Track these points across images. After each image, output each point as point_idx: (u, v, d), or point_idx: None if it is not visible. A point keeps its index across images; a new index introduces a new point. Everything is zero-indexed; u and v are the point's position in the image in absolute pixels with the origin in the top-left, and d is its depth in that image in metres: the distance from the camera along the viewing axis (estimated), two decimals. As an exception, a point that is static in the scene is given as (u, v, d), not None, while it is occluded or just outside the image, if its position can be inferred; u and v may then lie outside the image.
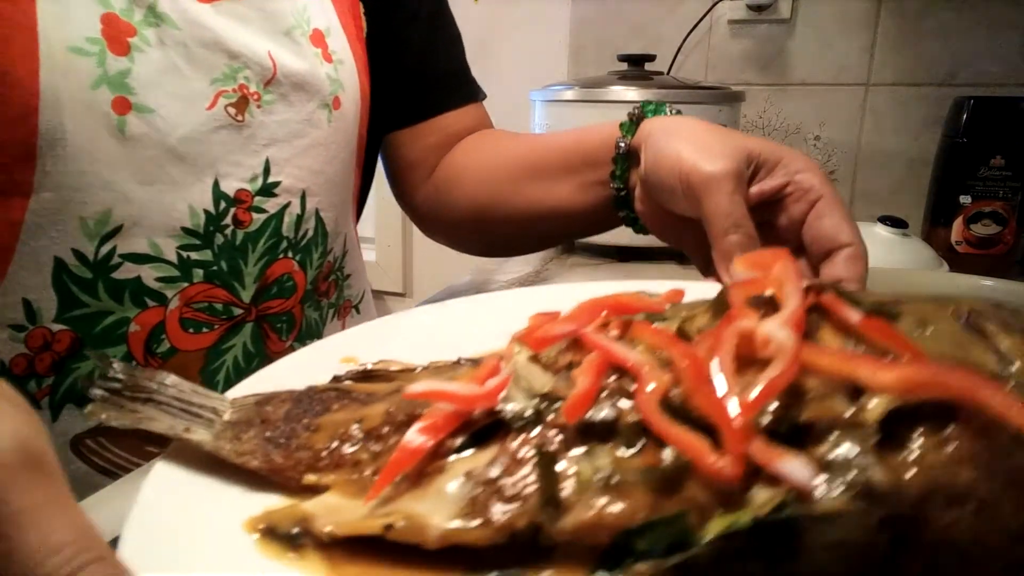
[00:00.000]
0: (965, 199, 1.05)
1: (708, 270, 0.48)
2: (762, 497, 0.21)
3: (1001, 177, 1.03)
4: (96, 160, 0.46)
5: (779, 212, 0.47)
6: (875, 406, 0.22)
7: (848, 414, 0.22)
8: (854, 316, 0.25)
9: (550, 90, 1.16)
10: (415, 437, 0.26)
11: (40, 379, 0.48)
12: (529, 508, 0.23)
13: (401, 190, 0.76)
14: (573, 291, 0.42)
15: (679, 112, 0.56)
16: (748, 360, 0.24)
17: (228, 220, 0.53)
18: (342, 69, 0.60)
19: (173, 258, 0.51)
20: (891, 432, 0.22)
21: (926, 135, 1.20)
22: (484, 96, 0.77)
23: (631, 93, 1.08)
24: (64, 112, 0.44)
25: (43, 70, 0.43)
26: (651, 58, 1.18)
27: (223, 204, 0.53)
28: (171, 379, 0.30)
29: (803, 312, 0.25)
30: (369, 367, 0.34)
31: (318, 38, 0.58)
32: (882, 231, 0.98)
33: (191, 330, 0.53)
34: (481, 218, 0.69)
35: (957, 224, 1.06)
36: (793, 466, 0.21)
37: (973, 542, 0.21)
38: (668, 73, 1.31)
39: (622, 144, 0.55)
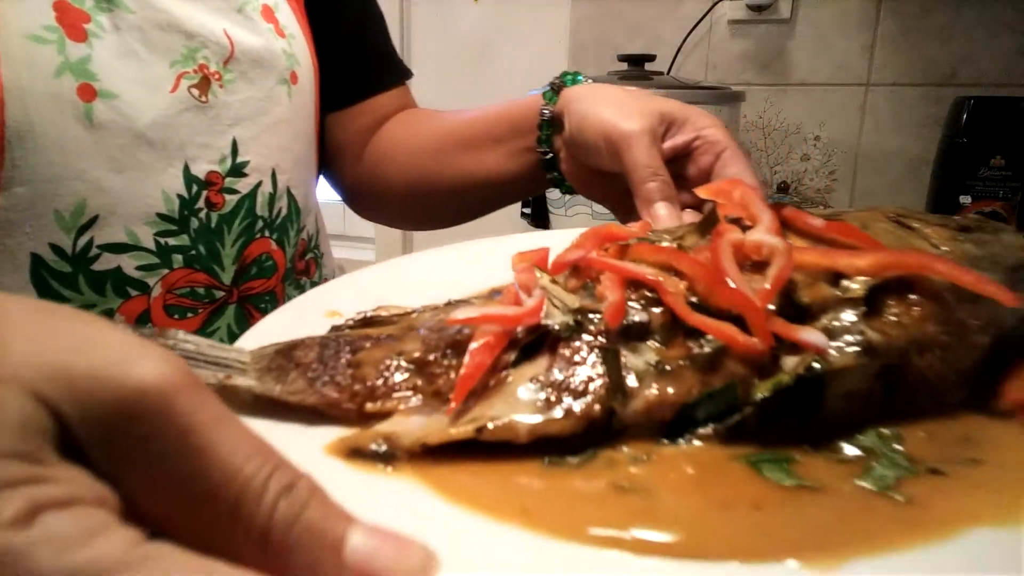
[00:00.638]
0: (965, 199, 1.06)
1: (628, 218, 0.53)
2: (791, 363, 0.28)
3: (1001, 177, 1.04)
4: (66, 150, 0.47)
5: (689, 163, 0.53)
6: (859, 285, 0.29)
7: (838, 294, 0.29)
8: (818, 222, 0.32)
9: (550, 90, 1.16)
10: (477, 354, 0.29)
11: None
12: (601, 397, 0.27)
13: (331, 171, 0.79)
14: (520, 241, 0.47)
15: (592, 81, 0.63)
16: (740, 266, 0.31)
17: (201, 203, 0.55)
18: (295, 43, 0.63)
19: (151, 245, 0.52)
20: (872, 305, 0.29)
21: (926, 135, 1.21)
22: (410, 75, 0.82)
23: (631, 93, 1.08)
24: (30, 103, 0.45)
25: (4, 62, 0.44)
26: (651, 58, 1.19)
27: (195, 187, 0.54)
28: (182, 334, 0.30)
29: (778, 222, 0.32)
30: (368, 314, 0.36)
31: (268, 13, 0.61)
32: (882, 231, 0.98)
33: (176, 316, 0.54)
34: (415, 192, 0.74)
35: (957, 224, 1.06)
36: (811, 335, 0.28)
37: (939, 379, 0.29)
38: (668, 73, 1.32)
39: (546, 111, 0.61)
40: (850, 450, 0.27)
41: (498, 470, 0.26)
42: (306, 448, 0.26)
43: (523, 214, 1.23)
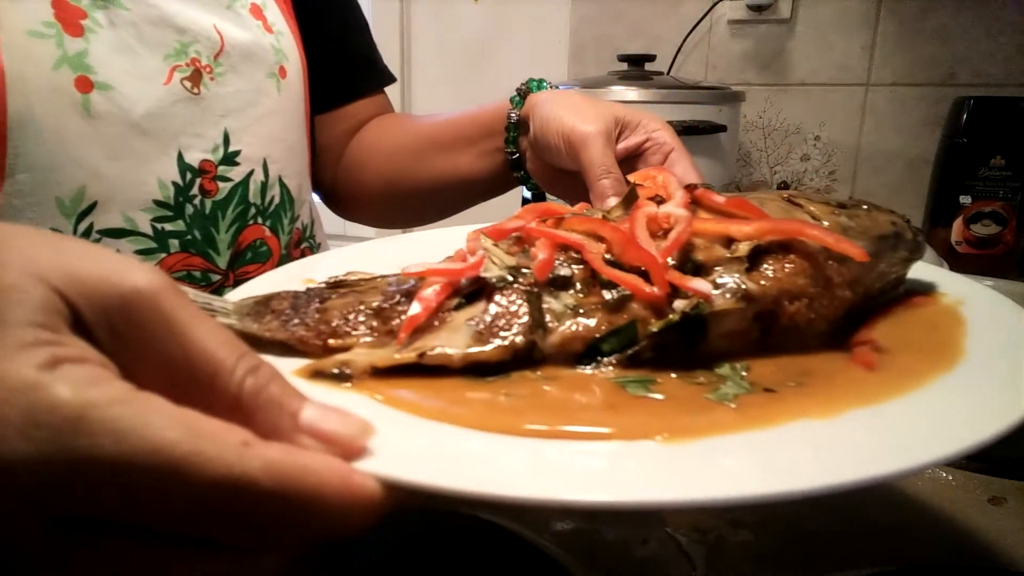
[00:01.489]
0: (965, 199, 1.07)
1: None
2: (682, 305, 0.34)
3: (1001, 177, 1.05)
4: (65, 139, 0.50)
5: (640, 163, 0.58)
6: (743, 247, 0.35)
7: (726, 254, 0.36)
8: (720, 199, 0.40)
9: (550, 90, 1.16)
10: (424, 298, 0.35)
11: None
12: (525, 331, 0.34)
13: (312, 173, 0.82)
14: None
15: (557, 87, 0.68)
16: (653, 234, 0.37)
17: (195, 190, 0.58)
18: (283, 40, 0.67)
19: (148, 231, 0.55)
20: (754, 263, 0.35)
21: (926, 135, 1.22)
22: (393, 80, 0.86)
23: (631, 93, 1.10)
24: (30, 94, 0.48)
25: (6, 56, 0.47)
26: (651, 58, 1.20)
27: (189, 175, 0.57)
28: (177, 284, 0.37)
29: (688, 199, 0.39)
30: (340, 278, 0.41)
31: (256, 11, 0.65)
32: (882, 231, 0.98)
33: None
34: (391, 192, 0.79)
35: (957, 224, 1.08)
36: (699, 283, 0.34)
37: (807, 324, 0.35)
38: (668, 73, 1.32)
39: (513, 115, 0.66)
40: (707, 377, 0.33)
41: (435, 386, 0.32)
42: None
43: (524, 201, 1.24)
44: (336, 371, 0.32)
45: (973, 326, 0.35)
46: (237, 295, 0.39)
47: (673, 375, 0.33)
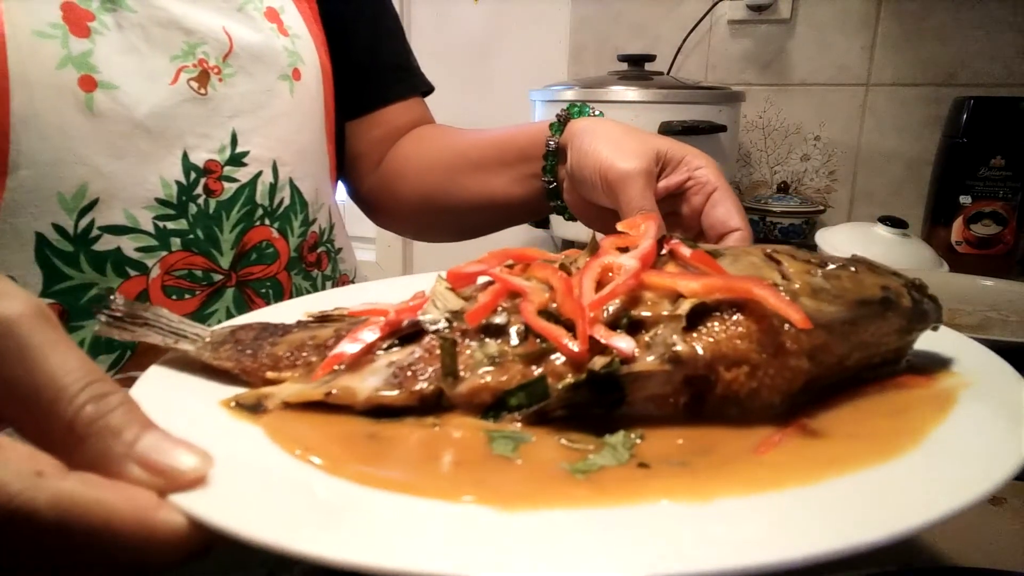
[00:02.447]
0: (965, 199, 1.06)
1: None
2: (599, 363, 0.30)
3: (1001, 177, 1.04)
4: (68, 136, 0.50)
5: (682, 202, 0.55)
6: (686, 304, 0.32)
7: (667, 312, 0.32)
8: (686, 252, 0.36)
9: (550, 90, 1.17)
10: (354, 338, 0.35)
11: None
12: (434, 378, 0.33)
13: (349, 179, 0.82)
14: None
15: (601, 114, 0.64)
16: (607, 284, 0.34)
17: (199, 190, 0.57)
18: (299, 43, 0.65)
19: (150, 228, 0.55)
20: (697, 322, 0.31)
21: (926, 135, 1.21)
22: (430, 89, 0.83)
23: (631, 93, 1.09)
24: (34, 91, 0.48)
25: (10, 53, 0.47)
26: (651, 58, 1.19)
27: (193, 175, 0.56)
28: (163, 311, 0.38)
29: (653, 250, 0.36)
30: (327, 312, 0.42)
31: (272, 15, 0.63)
32: (882, 231, 0.99)
33: (174, 296, 0.57)
34: (425, 208, 0.76)
35: (957, 224, 1.07)
36: (621, 340, 0.31)
37: (749, 394, 0.31)
38: (668, 73, 1.32)
39: (552, 143, 0.63)
40: (595, 444, 0.30)
41: (330, 422, 0.32)
42: (209, 398, 0.34)
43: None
44: (253, 403, 0.33)
45: (957, 417, 0.28)
46: (229, 324, 0.40)
47: (558, 438, 0.30)
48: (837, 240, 1.00)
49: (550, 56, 1.48)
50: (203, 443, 0.26)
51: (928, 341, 0.36)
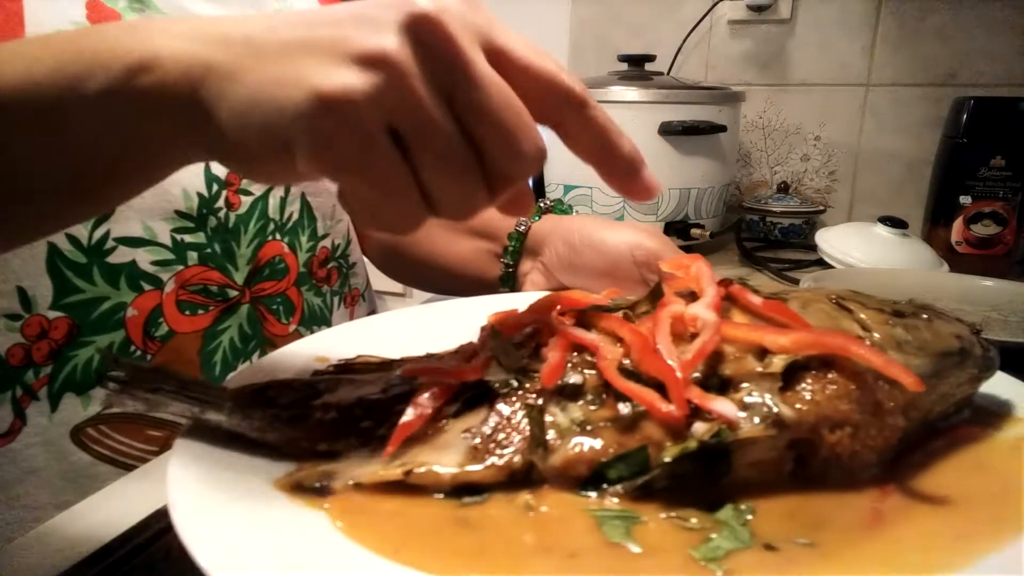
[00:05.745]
0: (965, 199, 1.06)
1: None
2: (701, 430, 0.29)
3: (1001, 177, 1.04)
4: None
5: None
6: (778, 361, 0.30)
7: (758, 369, 0.31)
8: (756, 300, 0.35)
9: (550, 90, 1.16)
10: (419, 404, 0.32)
11: (38, 369, 0.49)
12: (523, 450, 0.30)
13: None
14: (516, 299, 0.49)
15: (576, 211, 0.66)
16: (680, 336, 0.33)
17: (221, 203, 0.56)
18: None
19: (167, 241, 0.53)
20: (789, 380, 0.30)
21: (926, 135, 1.21)
22: None
23: (631, 93, 1.09)
24: None
25: None
26: (651, 58, 1.19)
27: (215, 187, 0.55)
28: (168, 370, 0.34)
29: (720, 298, 0.34)
30: (349, 361, 0.39)
31: None
32: (882, 231, 0.99)
33: (187, 312, 0.55)
34: (394, 253, 0.77)
35: (957, 224, 1.07)
36: (723, 405, 0.29)
37: (852, 456, 0.30)
38: (668, 73, 1.32)
39: (523, 225, 0.63)
40: (701, 520, 0.28)
41: (406, 506, 0.29)
42: (259, 479, 0.30)
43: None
44: (317, 485, 0.30)
45: None
46: (242, 378, 0.37)
47: (662, 515, 0.28)
48: (837, 240, 1.00)
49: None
50: (275, 545, 0.24)
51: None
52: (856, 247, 0.98)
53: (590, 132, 0.31)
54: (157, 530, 0.35)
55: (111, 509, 0.37)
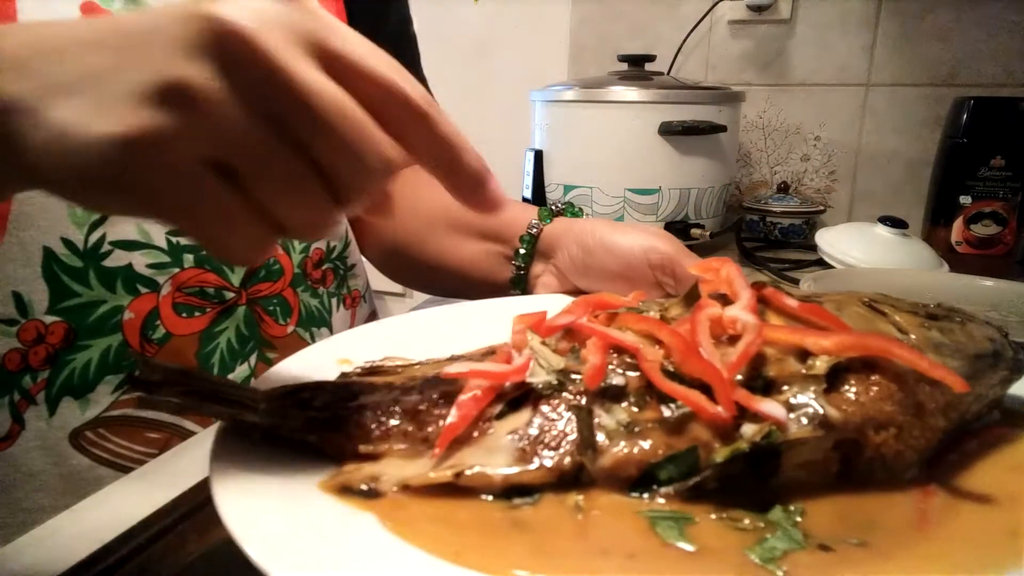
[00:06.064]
0: (965, 199, 1.06)
1: None
2: (751, 431, 0.29)
3: (1001, 177, 1.04)
4: None
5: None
6: (821, 363, 0.31)
7: (801, 371, 0.31)
8: (792, 303, 0.35)
9: (550, 90, 1.17)
10: (463, 406, 0.32)
11: (35, 373, 0.49)
12: (572, 452, 0.30)
13: None
14: (535, 301, 0.50)
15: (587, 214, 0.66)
16: (716, 339, 0.33)
17: None
18: None
19: (163, 244, 0.53)
20: (832, 382, 0.31)
21: (926, 135, 1.21)
22: None
23: (631, 93, 1.09)
24: None
25: None
26: (651, 58, 1.19)
27: None
28: (197, 371, 0.35)
29: (756, 301, 0.35)
30: (375, 363, 0.39)
31: None
32: (882, 231, 0.99)
33: (184, 314, 0.55)
34: (396, 252, 0.76)
35: (957, 224, 1.07)
36: (772, 406, 0.30)
37: (895, 456, 0.31)
38: (668, 73, 1.32)
39: (535, 228, 0.63)
40: (753, 520, 0.28)
41: (455, 507, 0.29)
42: (303, 481, 0.30)
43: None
44: (365, 487, 0.30)
45: None
46: (269, 380, 0.37)
47: (712, 516, 0.29)
48: (837, 240, 1.00)
49: (550, 56, 1.48)
50: (335, 549, 0.24)
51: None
52: (856, 247, 0.98)
53: (430, 145, 0.29)
54: (157, 530, 0.35)
55: (110, 510, 0.37)
